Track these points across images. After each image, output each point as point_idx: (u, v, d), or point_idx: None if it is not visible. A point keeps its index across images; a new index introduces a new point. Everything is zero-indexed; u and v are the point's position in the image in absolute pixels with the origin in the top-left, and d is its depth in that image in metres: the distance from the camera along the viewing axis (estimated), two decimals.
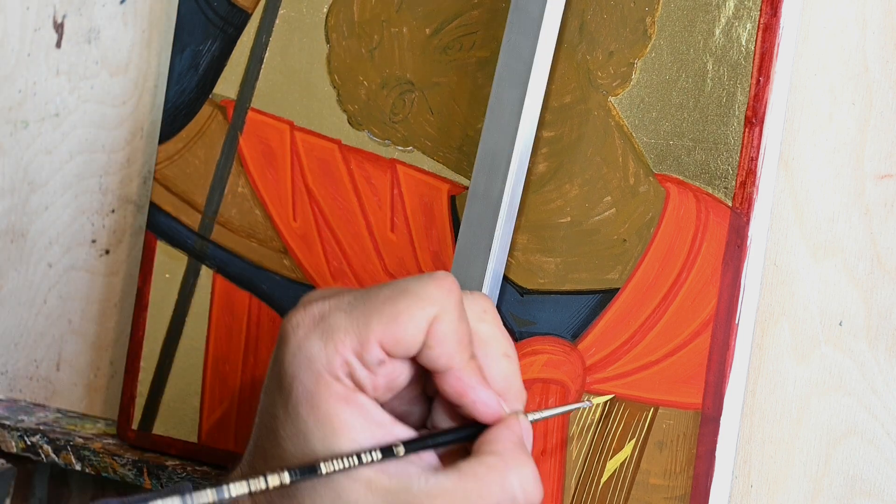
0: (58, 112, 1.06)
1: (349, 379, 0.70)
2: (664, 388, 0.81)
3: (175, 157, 0.98)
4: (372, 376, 0.70)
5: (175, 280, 0.97)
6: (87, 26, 1.05)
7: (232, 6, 0.97)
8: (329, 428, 0.69)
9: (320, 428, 0.69)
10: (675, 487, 0.81)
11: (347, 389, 0.70)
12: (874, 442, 0.79)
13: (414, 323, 0.70)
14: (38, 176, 1.06)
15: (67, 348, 1.05)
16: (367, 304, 0.70)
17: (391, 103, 0.91)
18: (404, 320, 0.70)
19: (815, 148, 0.81)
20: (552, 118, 0.86)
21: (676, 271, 0.82)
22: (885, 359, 0.79)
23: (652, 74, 0.83)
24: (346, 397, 0.70)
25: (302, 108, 0.94)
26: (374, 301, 0.70)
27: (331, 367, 0.70)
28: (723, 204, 0.81)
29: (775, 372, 0.81)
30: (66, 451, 0.98)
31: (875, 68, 0.80)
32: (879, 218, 0.80)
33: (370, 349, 0.70)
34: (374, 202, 0.91)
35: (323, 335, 0.70)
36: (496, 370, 0.74)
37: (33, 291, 1.06)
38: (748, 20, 0.81)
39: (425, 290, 0.71)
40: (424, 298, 0.70)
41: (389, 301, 0.70)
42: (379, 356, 0.70)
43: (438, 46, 0.89)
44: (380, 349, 0.70)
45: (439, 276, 0.72)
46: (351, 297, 0.71)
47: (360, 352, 0.70)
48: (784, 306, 0.81)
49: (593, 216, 0.84)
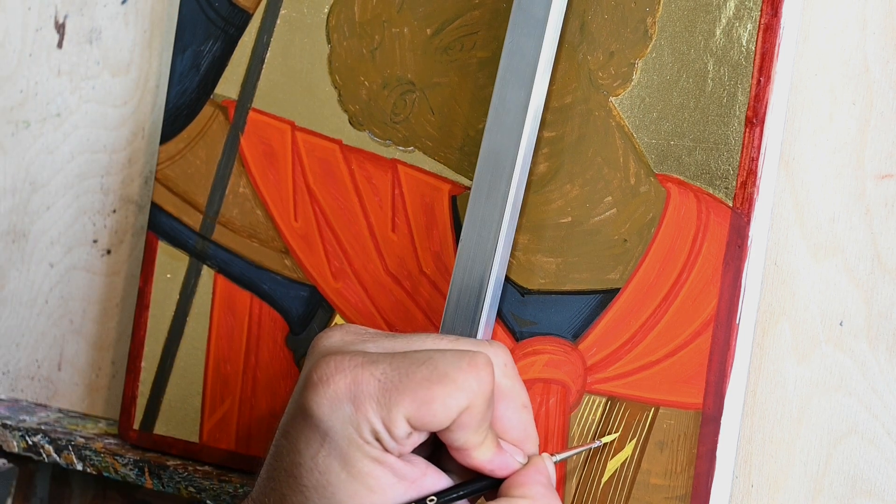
0: (59, 112, 1.06)
1: (377, 442, 0.72)
2: (665, 388, 0.81)
3: (176, 158, 0.98)
4: (399, 447, 0.72)
5: (176, 280, 0.97)
6: (89, 26, 1.05)
7: (233, 6, 0.97)
8: (363, 485, 0.71)
9: (353, 484, 0.71)
10: (675, 487, 0.81)
11: (378, 451, 0.72)
12: (875, 442, 0.79)
13: (445, 411, 0.72)
14: (39, 176, 1.06)
15: (69, 348, 1.05)
16: (403, 383, 0.72)
17: (392, 103, 0.91)
18: (436, 407, 0.72)
19: (815, 148, 0.81)
20: (553, 118, 0.86)
21: (677, 271, 0.82)
22: (886, 359, 0.79)
23: (653, 75, 0.83)
24: (377, 458, 0.72)
25: (303, 109, 0.94)
26: (410, 380, 0.72)
27: (360, 430, 0.72)
28: (723, 204, 0.81)
29: (776, 372, 0.81)
30: (68, 451, 0.98)
31: (875, 68, 0.80)
32: (880, 218, 0.80)
33: (398, 425, 0.72)
34: (375, 202, 0.91)
35: (354, 400, 0.71)
36: (515, 421, 0.77)
37: (35, 291, 1.06)
38: (749, 20, 0.81)
39: (464, 380, 0.72)
40: (460, 389, 0.72)
41: (425, 384, 0.72)
42: (406, 430, 0.72)
43: (439, 47, 0.90)
44: (407, 425, 0.72)
45: (479, 362, 0.73)
46: (386, 366, 0.72)
47: (388, 425, 0.72)
48: (784, 306, 0.81)
49: (594, 216, 0.84)
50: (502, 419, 0.77)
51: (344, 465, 0.72)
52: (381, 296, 0.90)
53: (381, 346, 0.75)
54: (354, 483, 0.71)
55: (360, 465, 0.71)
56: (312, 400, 0.72)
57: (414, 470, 0.73)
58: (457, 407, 0.72)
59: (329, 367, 0.72)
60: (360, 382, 0.72)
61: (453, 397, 0.72)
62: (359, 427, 0.72)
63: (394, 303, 0.89)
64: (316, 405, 0.72)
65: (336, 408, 0.72)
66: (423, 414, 0.71)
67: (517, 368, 0.79)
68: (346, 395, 0.72)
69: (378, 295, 0.90)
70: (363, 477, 0.71)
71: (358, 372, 0.72)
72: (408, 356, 0.73)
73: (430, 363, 0.72)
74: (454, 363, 0.72)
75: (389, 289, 0.90)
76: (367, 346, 0.75)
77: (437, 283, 0.88)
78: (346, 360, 0.72)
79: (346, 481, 0.71)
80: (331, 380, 0.72)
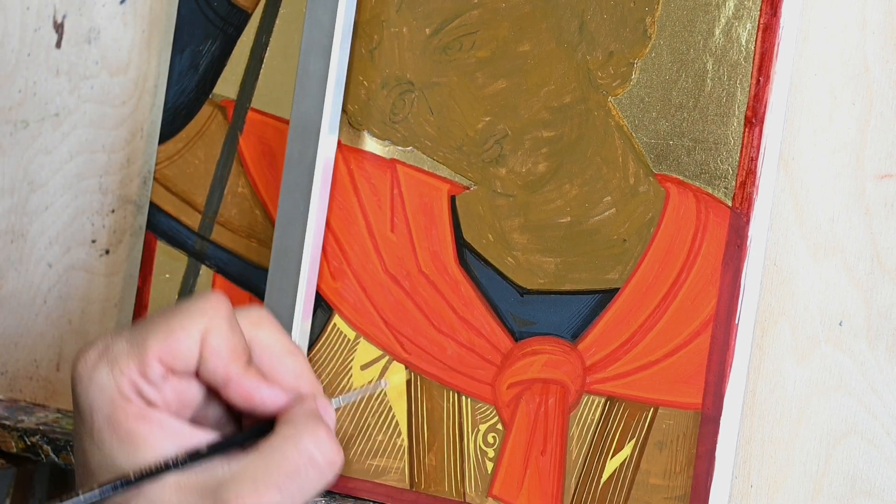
0: (58, 112, 1.06)
1: (139, 398, 0.73)
2: (664, 388, 0.81)
3: (175, 158, 0.98)
4: (159, 393, 0.74)
5: (175, 280, 0.97)
6: (87, 26, 1.05)
7: (232, 6, 0.97)
8: (131, 445, 0.73)
9: (123, 447, 0.73)
10: (675, 487, 0.81)
11: (141, 408, 0.73)
12: (874, 442, 0.79)
13: (186, 334, 0.74)
14: (37, 176, 1.06)
15: (67, 348, 1.05)
16: (145, 328, 0.75)
17: (391, 103, 0.91)
18: (177, 334, 0.74)
19: (815, 148, 0.81)
20: (552, 118, 0.86)
21: (676, 271, 0.82)
22: (886, 359, 0.79)
23: (652, 74, 0.83)
24: (141, 415, 0.73)
25: None
26: (150, 323, 0.75)
27: (120, 389, 0.73)
28: (723, 204, 0.81)
29: (775, 372, 0.81)
30: (66, 452, 0.98)
31: (875, 68, 0.80)
32: (880, 218, 0.80)
33: (151, 366, 0.74)
34: (373, 202, 0.91)
35: (109, 362, 0.74)
36: (282, 369, 0.77)
37: (33, 291, 1.06)
38: (748, 20, 0.81)
39: (195, 306, 0.75)
40: (194, 313, 0.74)
41: (163, 320, 0.74)
42: (161, 371, 0.74)
43: (438, 46, 0.89)
44: (160, 365, 0.74)
45: (208, 293, 0.76)
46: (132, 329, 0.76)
47: (142, 370, 0.73)
48: (784, 306, 0.81)
49: (593, 216, 0.84)
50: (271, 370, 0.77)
51: (113, 430, 0.73)
52: (380, 295, 0.90)
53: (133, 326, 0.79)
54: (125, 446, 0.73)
55: (126, 426, 0.73)
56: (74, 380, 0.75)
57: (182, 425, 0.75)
58: (196, 328, 0.74)
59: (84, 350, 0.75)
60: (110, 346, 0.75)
61: (189, 319, 0.74)
62: (118, 386, 0.73)
63: (392, 302, 0.89)
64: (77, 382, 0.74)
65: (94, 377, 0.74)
66: (169, 344, 0.74)
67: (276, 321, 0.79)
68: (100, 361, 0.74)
69: (377, 294, 0.90)
70: (130, 437, 0.73)
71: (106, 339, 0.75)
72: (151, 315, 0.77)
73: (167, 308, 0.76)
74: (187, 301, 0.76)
75: (388, 288, 0.90)
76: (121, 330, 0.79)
77: (436, 283, 0.88)
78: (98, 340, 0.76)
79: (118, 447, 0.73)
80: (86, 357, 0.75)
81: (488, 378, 0.87)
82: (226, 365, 0.75)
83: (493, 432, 0.86)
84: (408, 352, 0.89)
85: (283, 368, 0.77)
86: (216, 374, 0.75)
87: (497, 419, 0.86)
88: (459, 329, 0.88)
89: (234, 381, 0.75)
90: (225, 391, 0.76)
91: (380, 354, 0.90)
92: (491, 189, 0.87)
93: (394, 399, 0.89)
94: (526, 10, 0.87)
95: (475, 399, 0.87)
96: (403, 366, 0.86)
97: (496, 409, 0.86)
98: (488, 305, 0.87)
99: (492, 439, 0.86)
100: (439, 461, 0.87)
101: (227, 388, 0.75)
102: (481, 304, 0.87)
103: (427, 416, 0.88)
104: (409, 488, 0.88)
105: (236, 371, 0.75)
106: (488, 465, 0.86)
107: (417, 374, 0.88)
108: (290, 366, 0.77)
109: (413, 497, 0.88)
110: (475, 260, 0.88)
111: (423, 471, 0.88)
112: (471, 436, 0.87)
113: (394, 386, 0.85)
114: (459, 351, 0.87)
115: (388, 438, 0.89)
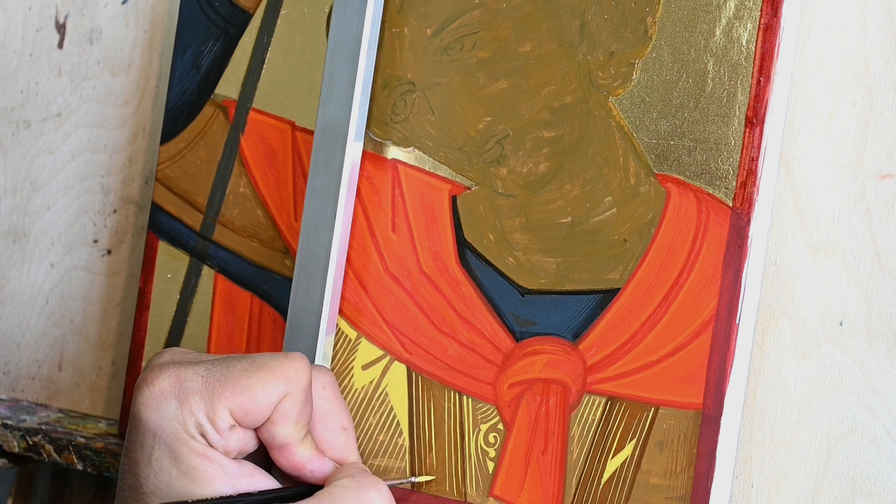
0: (60, 112, 1.06)
1: (202, 438, 0.76)
2: (665, 388, 0.81)
3: (177, 158, 0.98)
4: (223, 440, 0.76)
5: (177, 280, 0.97)
6: (89, 26, 1.05)
7: (233, 6, 0.97)
8: (190, 479, 0.75)
9: (183, 479, 0.75)
10: (675, 487, 0.81)
11: (204, 447, 0.76)
12: (875, 442, 0.79)
13: (265, 397, 0.76)
14: (39, 176, 1.07)
15: (69, 348, 1.05)
16: (224, 374, 0.76)
17: (392, 103, 0.91)
18: (257, 393, 0.76)
19: (815, 148, 0.81)
20: (553, 118, 0.86)
21: (677, 271, 0.82)
22: (886, 359, 0.79)
23: (653, 75, 0.83)
24: (203, 454, 0.75)
25: (303, 109, 0.94)
26: (231, 372, 0.76)
27: (185, 426, 0.75)
28: (723, 204, 0.81)
29: (776, 372, 0.81)
30: (68, 451, 0.98)
31: (875, 68, 0.80)
32: (880, 218, 0.80)
33: (221, 415, 0.75)
34: (375, 202, 0.91)
35: (179, 396, 0.75)
36: (334, 442, 0.81)
37: (35, 291, 1.06)
38: (749, 20, 0.81)
39: (281, 368, 0.76)
40: (279, 376, 0.76)
41: (245, 374, 0.76)
42: (229, 422, 0.76)
43: (439, 47, 0.90)
44: (230, 416, 0.76)
45: (295, 357, 0.78)
46: (209, 364, 0.77)
47: (212, 416, 0.75)
48: (784, 306, 0.81)
49: (594, 216, 0.84)
50: (321, 440, 0.80)
51: (174, 461, 0.75)
52: (381, 295, 0.90)
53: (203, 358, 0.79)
54: (185, 479, 0.75)
55: (188, 461, 0.75)
56: (140, 403, 0.76)
57: (241, 469, 0.76)
58: (276, 393, 0.76)
59: (153, 371, 0.76)
60: (184, 380, 0.75)
61: (272, 383, 0.76)
62: (184, 422, 0.75)
63: (394, 302, 0.90)
64: (143, 406, 0.76)
65: (162, 406, 0.75)
66: (244, 401, 0.75)
67: (338, 391, 0.82)
68: (171, 392, 0.75)
69: (378, 295, 0.90)
70: (191, 472, 0.75)
71: (181, 371, 0.76)
72: (228, 357, 0.78)
73: (249, 358, 0.77)
74: (272, 357, 0.77)
75: (389, 289, 0.90)
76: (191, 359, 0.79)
77: (437, 283, 0.88)
78: (169, 365, 0.76)
79: (177, 478, 0.75)
80: (155, 380, 0.76)
81: (489, 378, 0.87)
82: (289, 432, 0.77)
83: (494, 432, 0.86)
84: (409, 352, 0.89)
85: (334, 442, 0.81)
86: (277, 437, 0.78)
87: (498, 419, 0.86)
88: (460, 329, 0.88)
89: (290, 449, 0.78)
90: (278, 454, 0.78)
91: (381, 354, 0.90)
92: (492, 189, 0.87)
93: (395, 399, 0.89)
94: (527, 10, 0.87)
95: (476, 399, 0.87)
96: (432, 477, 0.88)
97: (497, 409, 0.86)
98: (489, 305, 0.87)
99: (493, 439, 0.86)
100: (440, 461, 0.87)
101: (281, 452, 0.78)
102: (482, 304, 0.87)
103: (428, 416, 0.88)
104: (411, 488, 0.88)
105: (295, 440, 0.78)
106: (489, 464, 0.86)
107: (419, 374, 0.89)
108: (340, 441, 0.81)
109: (414, 497, 0.88)
110: (476, 260, 0.88)
111: (424, 470, 0.88)
112: (472, 436, 0.87)
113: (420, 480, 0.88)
114: (460, 351, 0.88)
115: (390, 438, 0.89)
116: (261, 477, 0.77)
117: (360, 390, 0.90)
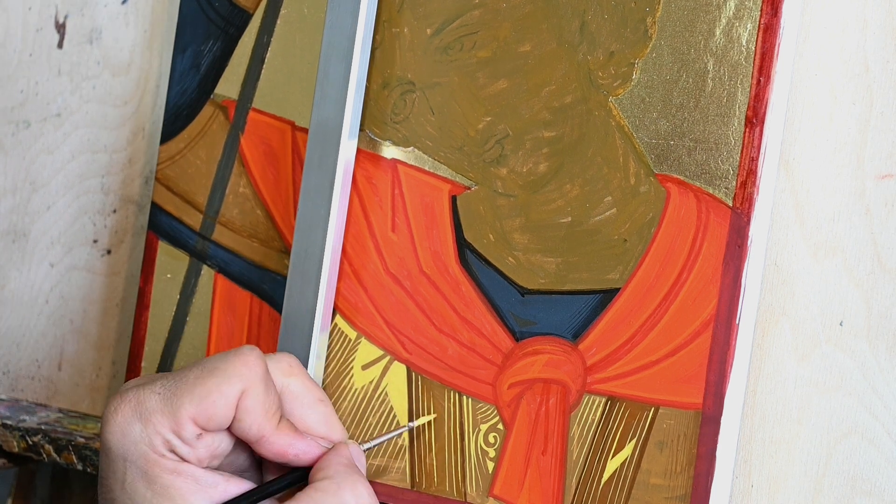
0: (59, 112, 1.06)
1: (172, 454, 0.76)
2: (665, 387, 0.81)
3: (177, 158, 0.98)
4: (192, 450, 0.77)
5: (176, 280, 0.97)
6: (89, 26, 1.05)
7: (233, 6, 0.97)
8: (167, 497, 0.76)
9: (159, 499, 0.76)
10: (675, 487, 0.81)
11: (175, 463, 0.76)
12: (875, 442, 0.79)
13: (222, 397, 0.76)
14: (39, 176, 1.07)
15: (69, 348, 1.05)
16: (179, 386, 0.77)
17: (392, 103, 0.91)
18: (213, 397, 0.76)
19: (815, 148, 0.81)
20: (553, 118, 0.86)
21: (677, 271, 0.82)
22: (886, 359, 0.79)
23: (653, 74, 0.83)
24: (175, 470, 0.76)
25: (303, 109, 0.94)
26: (185, 382, 0.77)
27: (153, 445, 0.76)
28: (723, 204, 0.81)
29: (776, 372, 0.81)
30: (68, 451, 0.98)
31: (875, 68, 0.80)
32: (880, 218, 0.80)
33: (185, 426, 0.76)
34: (374, 202, 0.91)
35: (141, 418, 0.76)
36: (313, 417, 0.81)
37: (35, 291, 1.06)
38: (749, 20, 0.81)
39: (232, 367, 0.77)
40: (232, 375, 0.77)
41: (199, 381, 0.77)
42: (195, 431, 0.76)
43: (439, 46, 0.90)
44: (194, 426, 0.76)
45: (244, 351, 0.78)
46: (164, 380, 0.78)
47: (176, 430, 0.76)
48: (784, 306, 0.81)
49: (594, 216, 0.84)
50: (301, 418, 0.81)
51: (148, 484, 0.76)
52: (381, 295, 0.90)
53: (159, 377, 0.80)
54: (160, 499, 0.76)
55: (161, 480, 0.76)
56: (107, 432, 0.77)
57: (216, 476, 0.77)
58: (233, 393, 0.77)
59: (115, 400, 0.77)
60: (143, 401, 0.77)
61: (227, 383, 0.76)
62: (151, 442, 0.76)
63: (394, 302, 0.89)
64: (110, 434, 0.77)
65: (127, 432, 0.76)
66: (205, 408, 0.76)
67: (304, 368, 0.82)
68: (133, 415, 0.76)
69: (378, 295, 0.90)
70: (165, 490, 0.76)
71: (139, 392, 0.77)
72: (180, 370, 0.79)
73: (200, 364, 0.78)
74: (221, 358, 0.78)
75: (389, 289, 0.90)
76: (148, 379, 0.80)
77: (437, 283, 0.88)
78: (129, 390, 0.78)
79: (152, 499, 0.76)
80: (118, 407, 0.77)
81: (489, 378, 0.87)
82: (259, 425, 0.78)
83: (493, 432, 0.86)
84: (409, 352, 0.89)
85: (314, 417, 0.81)
86: (249, 432, 0.78)
87: (498, 419, 0.86)
88: (460, 329, 0.88)
89: (267, 439, 0.78)
90: (257, 447, 0.79)
91: (381, 354, 0.90)
92: (492, 189, 0.87)
93: (395, 399, 0.89)
94: (527, 10, 0.87)
95: (476, 399, 0.87)
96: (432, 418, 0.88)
97: (497, 409, 0.86)
98: (489, 305, 0.87)
99: (493, 439, 0.86)
100: (440, 461, 0.87)
101: (259, 444, 0.79)
102: (482, 304, 0.87)
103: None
104: (411, 488, 0.88)
105: (269, 429, 0.78)
106: (489, 464, 0.86)
107: (418, 374, 0.89)
108: (320, 414, 0.81)
109: (414, 497, 0.88)
110: (476, 260, 0.88)
111: (424, 470, 0.88)
112: (472, 436, 0.87)
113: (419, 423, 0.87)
114: (460, 351, 0.88)
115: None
116: (237, 482, 0.78)
117: (360, 390, 0.90)
